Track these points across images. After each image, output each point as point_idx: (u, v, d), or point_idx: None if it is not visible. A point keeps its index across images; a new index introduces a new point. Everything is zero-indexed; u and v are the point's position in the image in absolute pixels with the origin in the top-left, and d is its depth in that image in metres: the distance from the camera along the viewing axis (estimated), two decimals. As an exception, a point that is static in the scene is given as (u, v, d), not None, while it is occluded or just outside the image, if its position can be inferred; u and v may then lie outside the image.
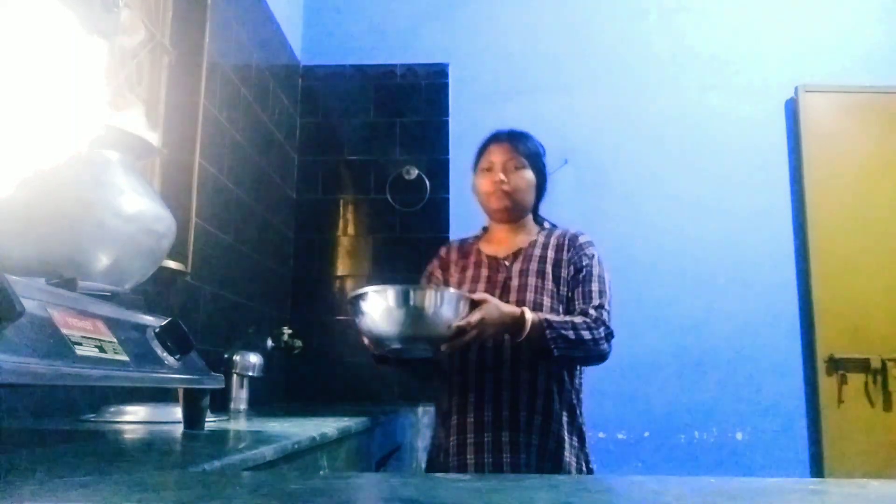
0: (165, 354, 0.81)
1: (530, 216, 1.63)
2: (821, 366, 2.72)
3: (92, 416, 1.19)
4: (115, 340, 0.74)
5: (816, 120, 2.90)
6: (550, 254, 1.55)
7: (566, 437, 1.45)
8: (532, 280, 1.50)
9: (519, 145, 1.57)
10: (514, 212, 1.56)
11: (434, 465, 1.54)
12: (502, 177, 1.53)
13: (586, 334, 1.41)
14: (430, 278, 1.62)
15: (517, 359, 1.45)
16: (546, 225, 1.64)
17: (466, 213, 2.34)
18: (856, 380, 2.73)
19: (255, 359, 1.95)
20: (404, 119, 2.93)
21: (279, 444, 0.84)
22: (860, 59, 2.97)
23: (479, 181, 1.58)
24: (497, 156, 1.56)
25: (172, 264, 1.68)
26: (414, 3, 3.07)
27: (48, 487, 0.45)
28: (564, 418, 1.47)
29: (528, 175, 1.56)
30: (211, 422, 1.19)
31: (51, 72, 0.77)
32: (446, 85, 2.95)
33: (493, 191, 1.54)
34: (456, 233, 2.66)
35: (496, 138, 1.59)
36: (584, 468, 1.47)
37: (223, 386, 0.95)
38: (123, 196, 0.81)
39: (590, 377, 1.66)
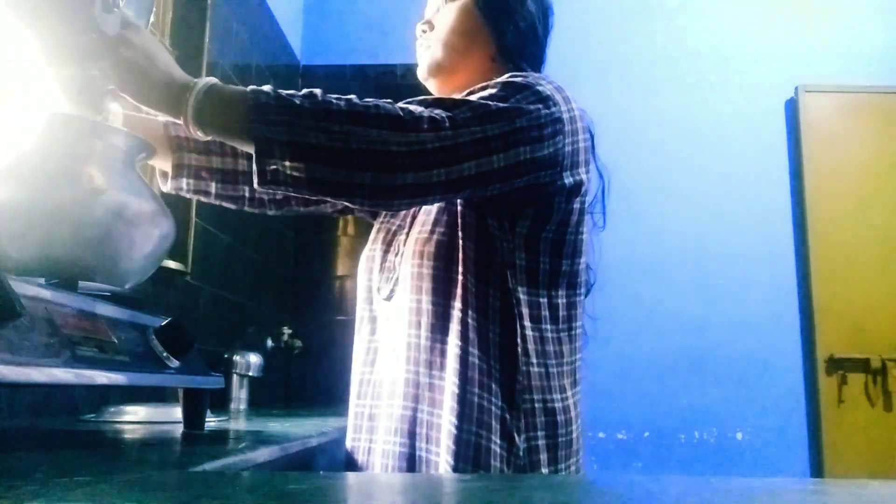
0: (165, 354, 0.81)
1: (494, 70, 0.98)
2: (821, 366, 2.72)
3: (92, 416, 1.19)
4: (115, 340, 0.74)
5: (816, 120, 2.90)
6: None
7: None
8: None
9: None
10: (441, 68, 1.00)
11: None
12: (423, 26, 1.02)
13: (314, 106, 0.73)
14: None
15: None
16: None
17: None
18: (856, 380, 2.73)
19: (255, 359, 1.95)
20: (404, 119, 2.92)
21: (279, 444, 0.84)
22: (860, 59, 2.97)
23: None
24: None
25: (172, 264, 1.68)
26: (414, 3, 3.06)
27: (48, 488, 0.45)
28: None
29: (462, 4, 0.99)
30: (211, 422, 1.19)
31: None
32: (446, 85, 2.94)
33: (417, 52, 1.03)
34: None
35: None
36: None
37: (223, 386, 0.94)
38: (123, 196, 0.81)
39: (591, 377, 1.65)
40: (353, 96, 0.76)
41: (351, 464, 0.96)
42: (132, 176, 0.85)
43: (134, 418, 1.15)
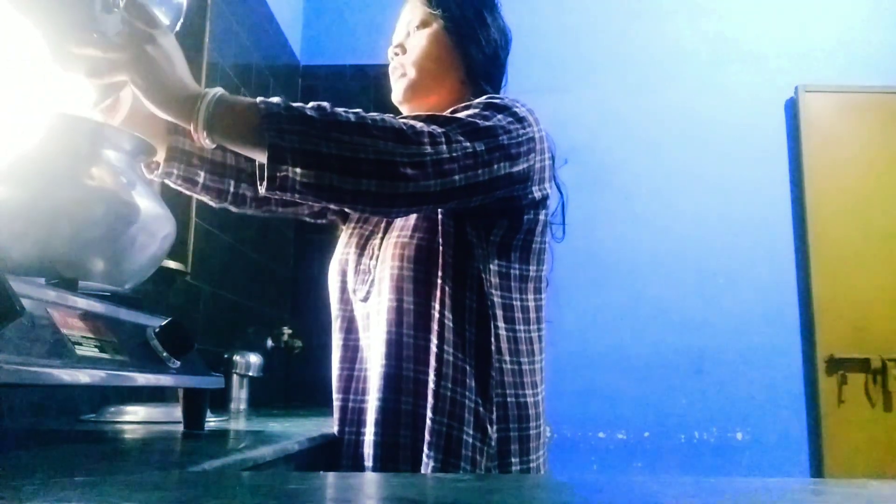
0: (165, 354, 0.81)
1: (464, 92, 1.06)
2: (821, 366, 2.71)
3: (92, 416, 1.19)
4: (115, 340, 0.74)
5: (816, 120, 2.90)
6: None
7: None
8: None
9: None
10: (416, 91, 1.06)
11: None
12: (395, 49, 1.08)
13: (326, 116, 0.77)
14: None
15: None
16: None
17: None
18: (856, 380, 2.73)
19: (255, 359, 1.95)
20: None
21: (279, 444, 0.84)
22: (860, 59, 2.96)
23: None
24: (401, 19, 1.11)
25: (172, 264, 1.68)
26: (414, 3, 3.06)
27: (48, 487, 0.45)
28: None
29: (433, 31, 1.05)
30: (211, 422, 1.19)
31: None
32: (446, 85, 2.94)
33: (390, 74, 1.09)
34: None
35: None
36: None
37: (223, 386, 0.94)
38: (124, 196, 0.81)
39: (591, 377, 1.63)
40: (359, 109, 0.81)
41: (342, 456, 1.01)
42: (133, 176, 0.85)
43: (134, 418, 1.15)
